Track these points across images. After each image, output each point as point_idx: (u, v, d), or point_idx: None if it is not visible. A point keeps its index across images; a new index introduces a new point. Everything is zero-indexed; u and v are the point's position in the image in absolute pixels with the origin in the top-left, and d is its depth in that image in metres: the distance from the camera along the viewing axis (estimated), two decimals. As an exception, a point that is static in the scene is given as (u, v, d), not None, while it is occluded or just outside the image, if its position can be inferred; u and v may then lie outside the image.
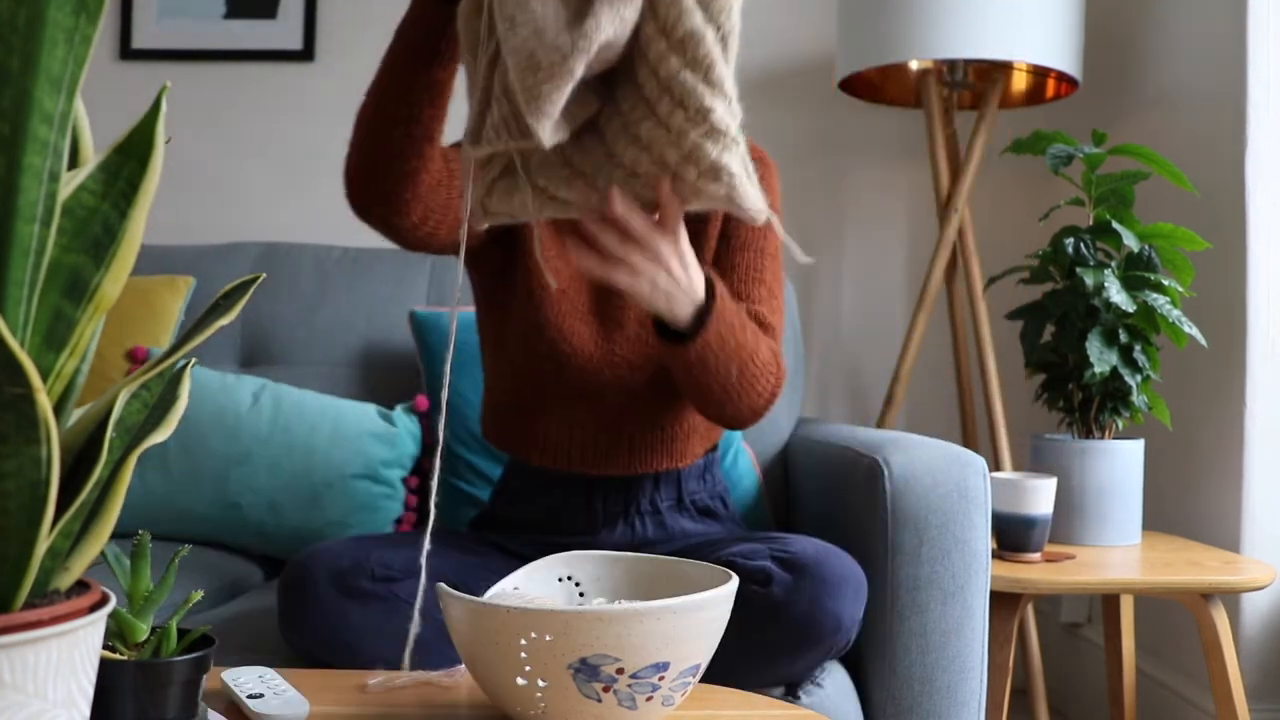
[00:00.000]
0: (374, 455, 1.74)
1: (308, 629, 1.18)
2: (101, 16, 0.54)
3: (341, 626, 1.18)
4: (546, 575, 1.13)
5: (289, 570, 1.21)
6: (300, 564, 1.20)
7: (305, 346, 1.99)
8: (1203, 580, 1.53)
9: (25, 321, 0.55)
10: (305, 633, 1.19)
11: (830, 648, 1.17)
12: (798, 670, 1.20)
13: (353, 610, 1.18)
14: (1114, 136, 2.05)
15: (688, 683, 0.94)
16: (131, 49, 2.44)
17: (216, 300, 0.65)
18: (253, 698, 0.98)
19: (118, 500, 0.60)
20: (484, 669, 0.93)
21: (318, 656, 1.20)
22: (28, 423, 0.52)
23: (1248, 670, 1.74)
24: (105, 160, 0.58)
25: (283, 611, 1.20)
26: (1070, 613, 2.26)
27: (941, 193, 2.11)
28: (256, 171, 2.45)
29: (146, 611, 0.89)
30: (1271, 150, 1.78)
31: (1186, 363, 1.92)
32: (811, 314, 2.42)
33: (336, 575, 1.19)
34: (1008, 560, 1.59)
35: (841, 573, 1.16)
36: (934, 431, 2.33)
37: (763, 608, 1.15)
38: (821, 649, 1.17)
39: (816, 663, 1.20)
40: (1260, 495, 1.78)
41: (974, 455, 1.37)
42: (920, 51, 1.97)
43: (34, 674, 0.52)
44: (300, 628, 1.19)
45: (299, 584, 1.19)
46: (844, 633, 1.17)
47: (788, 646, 1.16)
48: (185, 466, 1.71)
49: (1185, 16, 1.99)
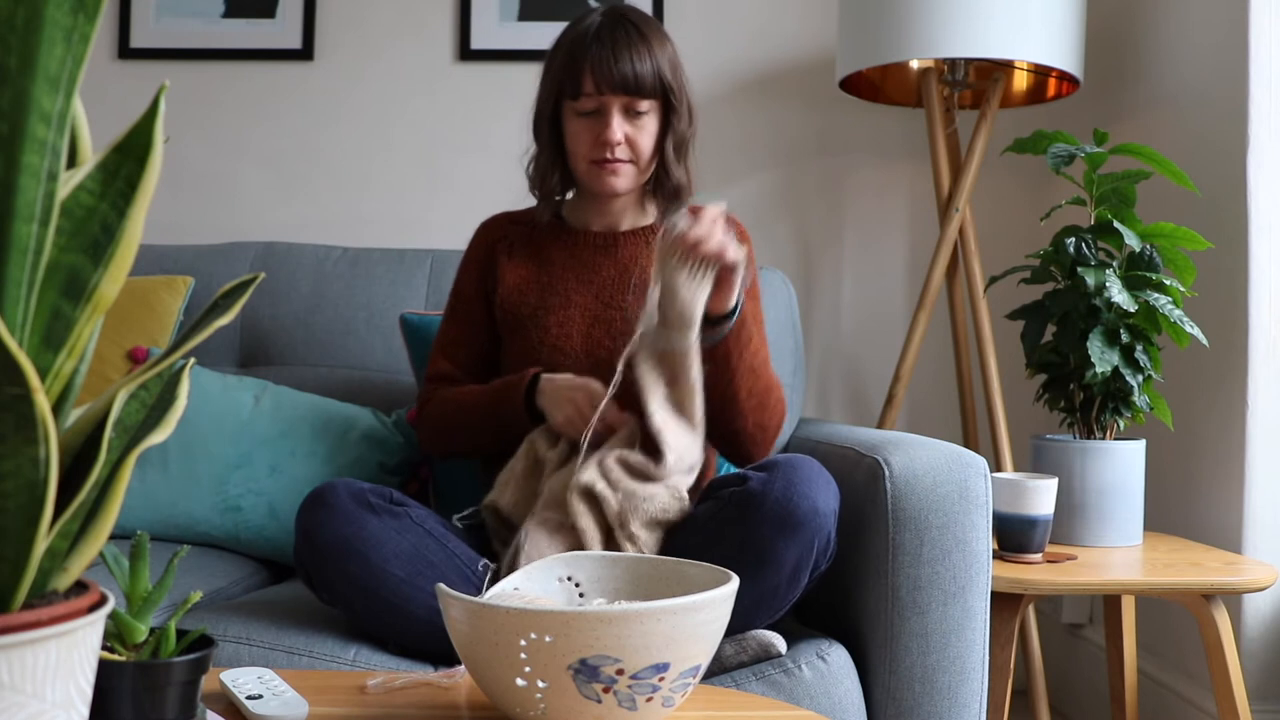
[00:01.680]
0: (374, 459, 1.73)
1: (326, 537, 1.26)
2: (100, 15, 0.54)
3: (357, 536, 1.26)
4: (546, 575, 1.13)
5: (311, 493, 1.30)
6: (322, 486, 1.31)
7: (304, 347, 1.99)
8: (1204, 581, 1.53)
9: (24, 321, 0.55)
10: (323, 541, 1.26)
11: (813, 535, 1.22)
12: (788, 567, 1.23)
13: (369, 520, 1.27)
14: (1115, 136, 2.05)
15: (688, 683, 0.94)
16: (130, 48, 2.44)
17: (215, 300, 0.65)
18: (251, 699, 0.98)
19: (116, 501, 0.60)
20: (484, 669, 0.93)
21: (331, 571, 1.26)
22: (26, 423, 0.52)
23: (1249, 671, 1.74)
24: (104, 160, 0.58)
25: (302, 527, 1.28)
26: (1071, 613, 2.26)
27: (942, 192, 2.11)
28: (255, 171, 2.45)
29: (145, 612, 0.89)
30: (1273, 149, 1.78)
31: (1188, 363, 1.91)
32: (811, 314, 2.42)
33: (357, 492, 1.29)
34: (1009, 561, 1.59)
35: (810, 467, 1.27)
36: (935, 432, 2.32)
37: (743, 501, 1.25)
38: (805, 534, 1.22)
39: (809, 558, 1.23)
40: (1262, 496, 1.77)
41: (975, 456, 1.37)
42: (921, 51, 1.96)
43: (32, 675, 0.52)
44: (318, 537, 1.26)
45: (321, 499, 1.29)
46: (820, 517, 1.23)
47: (770, 533, 1.22)
48: (185, 468, 1.70)
49: (1186, 16, 1.99)
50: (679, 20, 2.41)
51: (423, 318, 1.82)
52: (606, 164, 1.47)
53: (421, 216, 2.42)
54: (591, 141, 1.46)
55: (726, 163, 2.41)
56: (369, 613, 1.27)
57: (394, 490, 1.34)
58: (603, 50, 1.42)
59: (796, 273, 2.41)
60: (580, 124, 1.47)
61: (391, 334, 1.96)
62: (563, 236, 1.57)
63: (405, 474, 1.77)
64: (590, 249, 1.55)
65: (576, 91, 1.44)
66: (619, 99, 1.44)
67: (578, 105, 1.46)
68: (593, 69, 1.42)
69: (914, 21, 1.94)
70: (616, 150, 1.45)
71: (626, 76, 1.42)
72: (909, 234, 2.43)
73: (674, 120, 1.48)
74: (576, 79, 1.44)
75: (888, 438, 1.46)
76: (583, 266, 1.54)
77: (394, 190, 2.43)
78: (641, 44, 1.44)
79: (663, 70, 1.45)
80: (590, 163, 1.48)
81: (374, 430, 1.75)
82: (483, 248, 1.60)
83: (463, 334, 1.58)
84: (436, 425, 1.53)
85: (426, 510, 1.36)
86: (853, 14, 2.06)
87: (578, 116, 1.47)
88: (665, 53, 1.47)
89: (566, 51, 1.46)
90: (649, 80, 1.44)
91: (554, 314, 1.51)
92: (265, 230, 2.38)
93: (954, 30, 1.92)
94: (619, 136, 1.44)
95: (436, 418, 1.52)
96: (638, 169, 1.49)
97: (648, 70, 1.43)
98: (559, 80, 1.46)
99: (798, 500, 1.22)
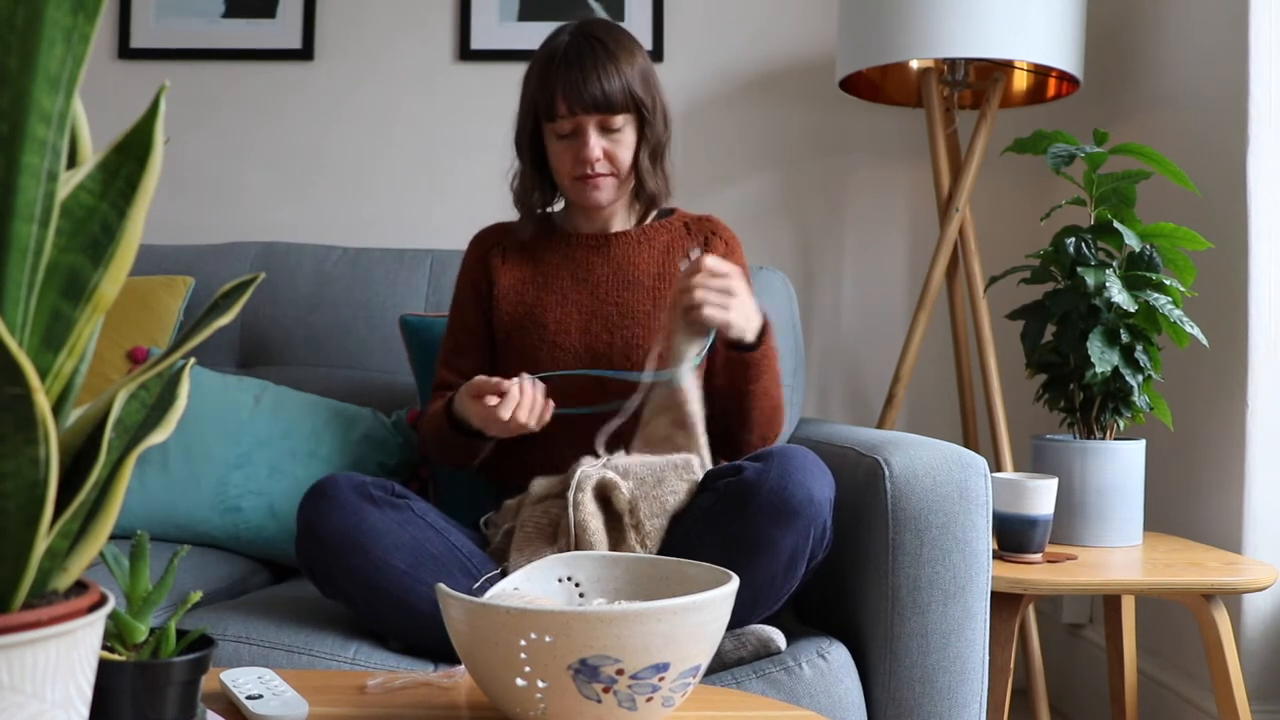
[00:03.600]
0: (374, 460, 1.73)
1: (328, 529, 1.27)
2: (100, 15, 0.54)
3: (358, 528, 1.27)
4: (546, 575, 1.12)
5: (313, 486, 1.32)
6: (324, 479, 1.32)
7: (304, 347, 1.99)
8: (1204, 581, 1.53)
9: (23, 321, 0.55)
10: (324, 534, 1.27)
11: (809, 523, 1.23)
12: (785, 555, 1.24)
13: (370, 512, 1.28)
14: (1115, 136, 2.05)
15: (688, 683, 0.94)
16: (130, 48, 2.44)
17: (215, 300, 0.65)
18: (251, 699, 0.98)
19: (116, 501, 0.60)
20: (484, 669, 0.93)
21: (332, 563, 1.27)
22: (26, 423, 0.52)
23: (1249, 671, 1.74)
24: (104, 160, 0.58)
25: (304, 520, 1.29)
26: (1071, 613, 2.26)
27: (942, 192, 2.11)
28: (255, 171, 2.45)
29: (145, 612, 0.89)
30: (1273, 149, 1.78)
31: (1188, 363, 1.91)
32: (811, 314, 2.42)
33: (358, 484, 1.31)
34: (1009, 561, 1.59)
35: (805, 456, 1.27)
36: (935, 432, 2.32)
37: (738, 491, 1.25)
38: (801, 522, 1.23)
39: (805, 546, 1.24)
40: (1262, 496, 1.77)
41: (975, 455, 1.37)
42: (921, 50, 1.96)
43: (32, 675, 0.52)
44: (320, 530, 1.27)
45: (322, 491, 1.30)
46: (816, 506, 1.23)
47: (766, 522, 1.23)
48: (186, 468, 1.70)
49: (1187, 16, 1.99)
50: (679, 20, 2.41)
51: (422, 319, 1.82)
52: (588, 179, 1.51)
53: (421, 216, 2.42)
54: (572, 160, 1.51)
55: (726, 163, 2.41)
56: (370, 605, 1.27)
57: (396, 484, 1.35)
58: (571, 73, 1.47)
59: (796, 273, 2.41)
60: (560, 144, 1.51)
61: (391, 334, 1.96)
62: (555, 239, 1.61)
63: (405, 474, 1.77)
64: (583, 249, 1.59)
65: (552, 114, 1.49)
66: (592, 118, 1.48)
67: (555, 127, 1.50)
68: (564, 91, 1.47)
69: (914, 21, 1.94)
70: (596, 166, 1.50)
71: (597, 96, 1.46)
72: (909, 234, 2.43)
73: (647, 131, 1.52)
74: (550, 101, 1.48)
75: (888, 438, 1.46)
76: (577, 265, 1.58)
77: (394, 190, 2.43)
78: (609, 62, 1.48)
79: (632, 85, 1.49)
80: (573, 179, 1.52)
81: (374, 430, 1.75)
82: (477, 258, 1.64)
83: (462, 344, 1.61)
84: (425, 444, 1.58)
85: (428, 504, 1.37)
86: (853, 14, 2.06)
87: (557, 138, 1.51)
88: (635, 66, 1.50)
89: (539, 74, 1.51)
90: (619, 97, 1.48)
91: (551, 311, 1.55)
92: (265, 230, 2.38)
93: (954, 30, 1.92)
94: (597, 153, 1.49)
95: (423, 437, 1.58)
96: (619, 180, 1.53)
97: (617, 88, 1.47)
98: (534, 102, 1.51)
99: (793, 489, 1.23)
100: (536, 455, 1.48)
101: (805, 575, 1.28)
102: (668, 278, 1.56)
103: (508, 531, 1.38)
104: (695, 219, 1.64)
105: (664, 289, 1.55)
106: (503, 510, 1.43)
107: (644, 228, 1.60)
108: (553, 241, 1.61)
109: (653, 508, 1.30)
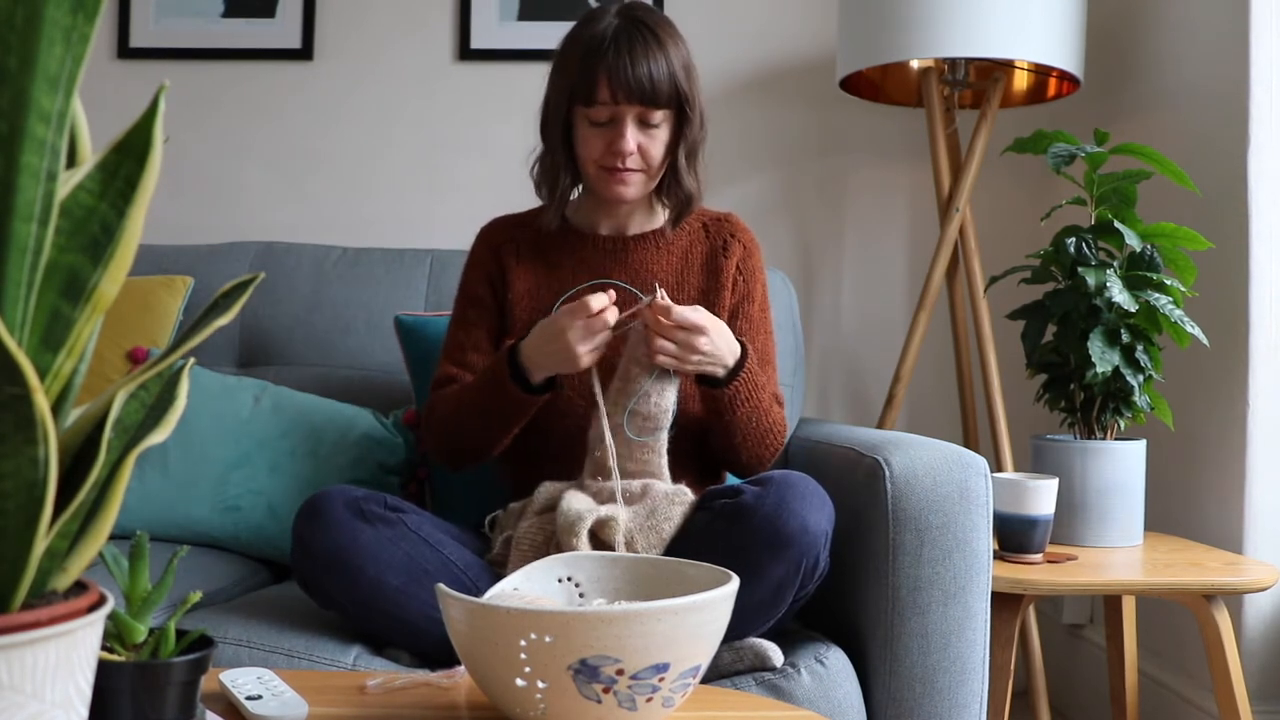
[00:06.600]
0: (374, 459, 1.73)
1: (321, 547, 1.25)
2: (99, 15, 0.54)
3: (351, 547, 1.25)
4: (546, 575, 1.12)
5: (306, 502, 1.30)
6: (317, 495, 1.30)
7: (304, 347, 1.99)
8: (1205, 581, 1.52)
9: (23, 321, 0.55)
10: (317, 551, 1.26)
11: (801, 555, 1.21)
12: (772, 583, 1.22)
13: (363, 530, 1.26)
14: (1116, 136, 2.04)
15: (688, 684, 0.94)
16: (130, 48, 2.44)
17: (215, 300, 0.65)
18: (251, 699, 0.98)
19: (116, 501, 0.60)
20: (484, 669, 0.93)
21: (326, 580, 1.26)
22: (25, 423, 0.52)
23: (1250, 671, 1.74)
24: (103, 159, 0.57)
25: (298, 536, 1.28)
26: (1072, 614, 2.26)
27: (942, 192, 2.11)
28: (255, 171, 2.45)
29: (145, 612, 0.89)
30: (1274, 149, 1.78)
31: (1189, 363, 1.91)
32: (811, 314, 2.42)
33: (351, 501, 1.28)
34: (1009, 561, 1.59)
35: (805, 485, 1.25)
36: (935, 432, 2.32)
37: (734, 513, 1.24)
38: (793, 553, 1.21)
39: (794, 577, 1.22)
40: (1263, 496, 1.77)
41: (975, 456, 1.37)
42: (921, 50, 1.96)
43: (32, 675, 0.52)
44: (313, 547, 1.26)
45: (315, 508, 1.28)
46: (810, 536, 1.21)
47: (759, 547, 1.21)
48: (185, 468, 1.70)
49: (1187, 15, 1.99)
50: (679, 20, 2.39)
51: (417, 319, 1.81)
52: (616, 172, 1.44)
53: (421, 216, 2.42)
54: (603, 149, 1.43)
55: (727, 163, 2.41)
56: (365, 621, 1.27)
57: (388, 496, 1.33)
58: (619, 58, 1.38)
59: (796, 273, 2.40)
60: (591, 130, 1.44)
61: (391, 334, 1.95)
62: (570, 240, 1.55)
63: (404, 474, 1.77)
64: (599, 253, 1.53)
65: (590, 99, 1.41)
66: (634, 109, 1.41)
67: (591, 113, 1.42)
68: (609, 77, 1.39)
69: (914, 21, 1.94)
70: (628, 160, 1.43)
71: (644, 87, 1.39)
72: (909, 234, 2.43)
73: (686, 129, 1.45)
74: (591, 86, 1.40)
75: (888, 438, 1.46)
76: (592, 272, 1.52)
77: (394, 190, 2.43)
78: (659, 50, 1.40)
79: (678, 79, 1.42)
80: (600, 168, 1.45)
81: (373, 430, 1.75)
82: (489, 251, 1.57)
83: (472, 339, 1.53)
84: (442, 428, 1.47)
85: (423, 515, 1.34)
86: (853, 14, 2.06)
87: (590, 123, 1.44)
88: (680, 58, 1.43)
89: (581, 55, 1.41)
90: (665, 90, 1.40)
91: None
92: (265, 230, 2.38)
93: (954, 30, 1.92)
94: (632, 147, 1.42)
95: (439, 420, 1.47)
96: (648, 177, 1.47)
97: (664, 80, 1.40)
98: (572, 84, 1.42)
99: (787, 518, 1.21)
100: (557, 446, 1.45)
101: (794, 607, 1.27)
102: (686, 286, 1.51)
103: (506, 540, 1.37)
104: (714, 219, 1.57)
105: (681, 298, 1.49)
106: (507, 513, 1.41)
107: (661, 230, 1.54)
108: (568, 241, 1.54)
109: (649, 539, 1.28)
